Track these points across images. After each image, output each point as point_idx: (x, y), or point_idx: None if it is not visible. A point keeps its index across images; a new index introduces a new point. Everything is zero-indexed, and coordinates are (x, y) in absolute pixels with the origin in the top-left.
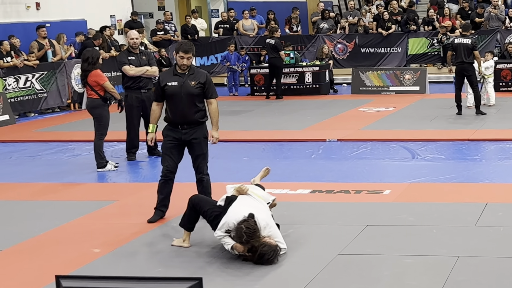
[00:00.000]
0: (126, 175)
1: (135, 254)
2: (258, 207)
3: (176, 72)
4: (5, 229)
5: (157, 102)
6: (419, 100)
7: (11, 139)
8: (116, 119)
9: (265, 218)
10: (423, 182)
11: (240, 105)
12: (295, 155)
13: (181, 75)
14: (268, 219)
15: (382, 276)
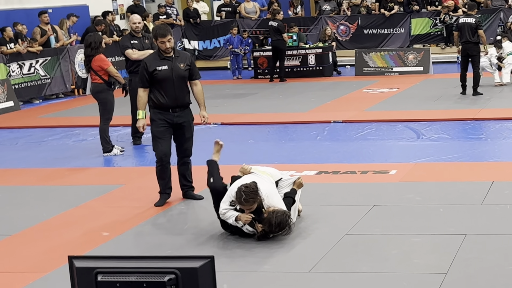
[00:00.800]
0: (132, 159)
1: (144, 237)
2: (260, 180)
3: (163, 56)
4: (14, 214)
5: (144, 88)
6: (423, 80)
7: (16, 125)
8: (120, 104)
9: (267, 189)
10: (428, 162)
11: (244, 88)
12: (300, 137)
13: (169, 58)
14: (269, 191)
15: (390, 255)
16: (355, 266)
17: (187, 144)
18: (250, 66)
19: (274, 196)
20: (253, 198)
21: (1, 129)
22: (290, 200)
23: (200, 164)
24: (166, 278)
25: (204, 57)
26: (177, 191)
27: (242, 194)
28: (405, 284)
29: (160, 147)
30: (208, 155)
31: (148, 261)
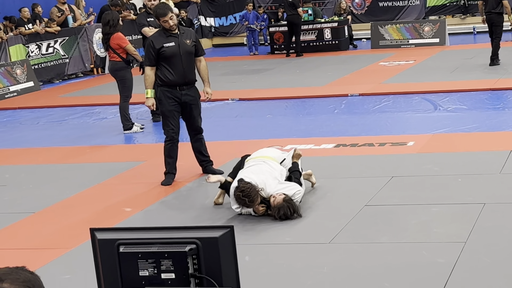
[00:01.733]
0: (152, 136)
1: (166, 212)
2: (250, 174)
3: (168, 33)
4: (37, 193)
5: (151, 66)
6: (439, 52)
7: (37, 105)
8: (139, 82)
9: (261, 180)
10: (446, 133)
11: (261, 64)
12: (318, 111)
13: (175, 35)
14: (265, 180)
15: (409, 225)
16: (375, 236)
17: (197, 122)
18: (267, 42)
19: (271, 182)
20: (254, 195)
21: (22, 109)
22: (297, 174)
23: (216, 139)
24: (187, 248)
25: (221, 34)
26: (191, 168)
27: (244, 199)
28: (424, 253)
29: (170, 125)
30: (225, 130)
31: (169, 232)
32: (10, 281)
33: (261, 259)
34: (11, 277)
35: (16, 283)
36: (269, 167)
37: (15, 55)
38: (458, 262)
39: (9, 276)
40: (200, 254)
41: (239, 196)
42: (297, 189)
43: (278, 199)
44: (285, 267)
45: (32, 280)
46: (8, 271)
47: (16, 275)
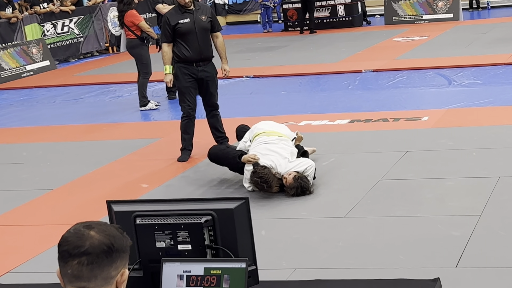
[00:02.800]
0: (168, 113)
1: (182, 188)
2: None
3: (184, 10)
4: (55, 170)
5: (168, 43)
6: (453, 27)
7: (53, 84)
8: (155, 60)
9: (273, 161)
10: (460, 108)
11: (275, 41)
12: (332, 87)
13: (190, 11)
14: (275, 161)
15: (424, 199)
16: (390, 210)
17: (213, 98)
18: (280, 19)
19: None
20: (272, 181)
21: (39, 88)
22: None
23: (231, 116)
24: (203, 220)
25: (235, 12)
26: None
27: (262, 185)
28: (439, 227)
29: (186, 101)
30: (240, 107)
31: (185, 203)
32: (96, 230)
33: (277, 233)
34: (100, 227)
35: (101, 234)
36: (280, 147)
37: (31, 35)
38: (473, 235)
39: (98, 226)
40: (216, 226)
41: (257, 182)
42: (308, 164)
43: (289, 179)
44: (301, 241)
45: (116, 237)
46: (101, 223)
47: (105, 227)
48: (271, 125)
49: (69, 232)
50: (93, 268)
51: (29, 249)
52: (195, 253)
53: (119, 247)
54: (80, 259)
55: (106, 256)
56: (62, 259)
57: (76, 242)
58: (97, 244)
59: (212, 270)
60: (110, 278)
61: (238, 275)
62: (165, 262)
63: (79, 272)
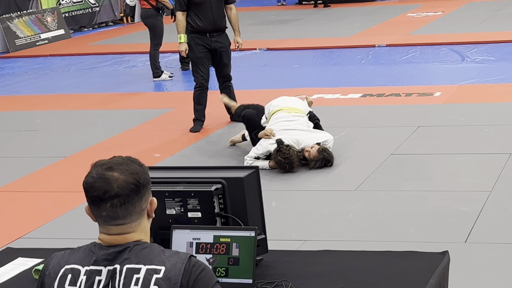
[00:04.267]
0: (181, 84)
1: (194, 157)
2: (284, 134)
3: None
4: (68, 138)
5: (182, 11)
6: (468, 3)
7: (67, 53)
8: (169, 30)
9: (294, 138)
10: (473, 84)
11: (289, 14)
12: (345, 61)
13: None
14: (296, 137)
15: (435, 174)
16: (400, 185)
17: (226, 69)
18: None
19: (302, 136)
20: (295, 162)
21: (53, 56)
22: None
23: (244, 88)
24: (213, 188)
25: None
26: (219, 116)
27: (285, 165)
28: (450, 202)
29: (200, 72)
30: (253, 79)
31: (195, 171)
32: (119, 171)
33: (287, 205)
34: (122, 167)
35: (125, 174)
36: (300, 122)
37: (46, 3)
38: (483, 210)
39: (119, 167)
40: (225, 194)
41: (281, 161)
42: (329, 136)
43: (313, 152)
44: (311, 213)
45: (139, 173)
46: (120, 161)
47: (126, 166)
48: (286, 100)
49: (92, 177)
50: (127, 207)
51: (42, 215)
52: (205, 221)
53: (144, 181)
54: (112, 201)
55: (135, 193)
56: (93, 203)
57: (104, 187)
58: (124, 185)
59: (221, 238)
60: (142, 210)
61: (247, 243)
62: (175, 229)
63: (114, 213)
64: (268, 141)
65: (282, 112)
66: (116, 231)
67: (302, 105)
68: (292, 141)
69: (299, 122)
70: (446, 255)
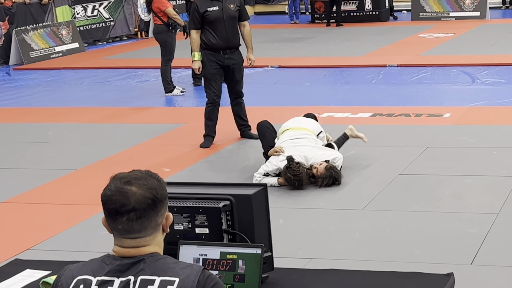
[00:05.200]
0: (192, 99)
1: (204, 173)
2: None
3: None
4: (79, 150)
5: (197, 30)
6: (480, 25)
7: (81, 66)
8: (181, 46)
9: (302, 154)
10: (483, 106)
11: (301, 33)
12: (356, 81)
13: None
14: (305, 153)
15: (443, 195)
16: (408, 205)
17: (239, 86)
18: (308, 11)
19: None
20: (304, 179)
21: (67, 69)
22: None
23: (255, 105)
24: (221, 204)
25: (263, 2)
26: (230, 132)
27: (294, 182)
28: (456, 223)
29: (212, 88)
30: (264, 96)
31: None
32: (137, 186)
33: (294, 222)
34: (140, 182)
35: (142, 189)
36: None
37: (61, 16)
38: (489, 232)
39: (138, 181)
40: (233, 211)
41: (290, 178)
42: (336, 155)
43: (320, 169)
44: (318, 231)
45: (157, 188)
46: (138, 176)
47: (145, 181)
48: (296, 121)
49: (111, 190)
50: (143, 221)
51: (51, 227)
52: (212, 237)
53: (161, 197)
54: (128, 215)
55: (152, 208)
56: (110, 216)
57: (121, 200)
58: (141, 199)
59: (228, 255)
60: (157, 225)
61: (254, 260)
62: (182, 244)
63: (130, 227)
64: (278, 158)
65: (290, 131)
66: (130, 244)
67: (312, 125)
68: (301, 157)
69: (307, 139)
70: (451, 277)
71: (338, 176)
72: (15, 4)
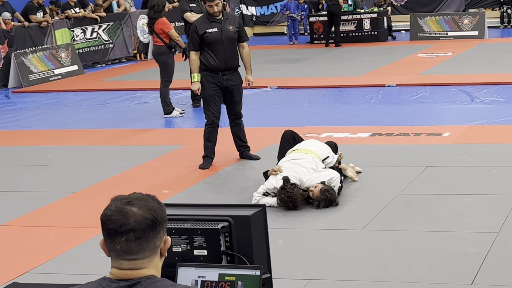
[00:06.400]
0: (191, 121)
1: (203, 194)
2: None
3: (212, 19)
4: (79, 173)
5: (196, 51)
6: (478, 44)
7: (80, 88)
8: (181, 68)
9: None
10: (482, 125)
11: (300, 53)
12: (355, 100)
13: (217, 21)
14: (302, 176)
15: (443, 214)
16: (408, 224)
17: (238, 107)
18: (306, 32)
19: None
20: (298, 201)
21: (66, 92)
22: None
23: (254, 125)
24: (220, 226)
25: (262, 23)
26: (229, 153)
27: (288, 203)
28: (457, 243)
29: (211, 109)
30: (263, 117)
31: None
32: (138, 206)
33: (294, 243)
34: (140, 203)
35: (143, 209)
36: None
37: (61, 39)
38: (490, 252)
39: (138, 202)
40: (232, 232)
41: (284, 199)
42: (333, 174)
43: (316, 192)
44: (318, 252)
45: (157, 210)
46: (139, 197)
47: (145, 202)
48: (307, 143)
49: (111, 210)
50: (141, 242)
51: (49, 250)
52: (211, 259)
53: (161, 219)
54: (127, 235)
55: (151, 229)
56: (109, 236)
57: (121, 220)
58: (141, 220)
59: (226, 276)
60: (155, 248)
61: (252, 282)
62: (181, 266)
63: (128, 248)
64: (276, 178)
65: (294, 153)
66: (128, 266)
67: (320, 149)
68: (296, 179)
69: (307, 161)
70: None
71: (333, 198)
72: (14, 27)
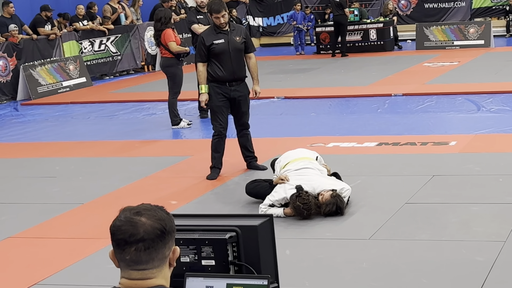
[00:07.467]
0: (199, 132)
1: (211, 205)
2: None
3: (219, 30)
4: (86, 184)
5: (203, 62)
6: (484, 53)
7: (88, 100)
8: (188, 79)
9: (311, 180)
10: (488, 133)
11: (307, 64)
12: (361, 110)
13: (224, 32)
14: (312, 182)
15: (449, 223)
16: (415, 233)
17: (245, 117)
18: (313, 42)
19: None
20: (313, 209)
21: (74, 104)
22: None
23: (261, 136)
24: (227, 236)
25: (268, 34)
26: (237, 164)
27: (303, 211)
28: (463, 251)
29: (218, 120)
30: (270, 127)
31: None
32: (147, 216)
33: (301, 253)
34: (149, 213)
35: (152, 219)
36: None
37: (69, 51)
38: (497, 260)
39: (147, 212)
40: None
41: (300, 207)
42: (345, 186)
43: (326, 195)
44: (325, 262)
45: (166, 220)
46: (148, 208)
47: (154, 212)
48: (292, 154)
49: (120, 221)
50: (150, 252)
51: (58, 262)
52: (219, 269)
53: (170, 229)
54: (137, 245)
55: (160, 239)
56: (119, 246)
57: (130, 230)
58: (150, 230)
59: (234, 286)
60: (164, 257)
61: None
62: (189, 277)
63: (138, 258)
64: (285, 187)
65: (290, 165)
66: (137, 276)
67: (307, 153)
68: (309, 186)
69: (312, 169)
70: None
71: (342, 205)
72: (23, 40)
